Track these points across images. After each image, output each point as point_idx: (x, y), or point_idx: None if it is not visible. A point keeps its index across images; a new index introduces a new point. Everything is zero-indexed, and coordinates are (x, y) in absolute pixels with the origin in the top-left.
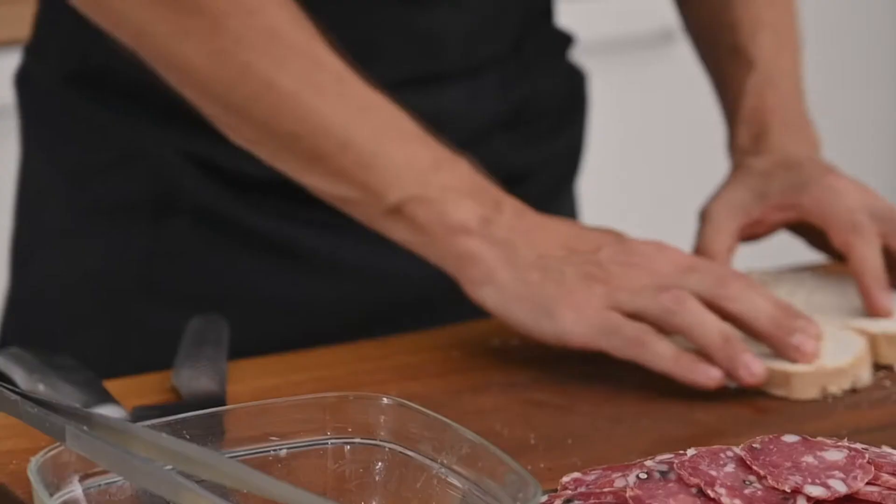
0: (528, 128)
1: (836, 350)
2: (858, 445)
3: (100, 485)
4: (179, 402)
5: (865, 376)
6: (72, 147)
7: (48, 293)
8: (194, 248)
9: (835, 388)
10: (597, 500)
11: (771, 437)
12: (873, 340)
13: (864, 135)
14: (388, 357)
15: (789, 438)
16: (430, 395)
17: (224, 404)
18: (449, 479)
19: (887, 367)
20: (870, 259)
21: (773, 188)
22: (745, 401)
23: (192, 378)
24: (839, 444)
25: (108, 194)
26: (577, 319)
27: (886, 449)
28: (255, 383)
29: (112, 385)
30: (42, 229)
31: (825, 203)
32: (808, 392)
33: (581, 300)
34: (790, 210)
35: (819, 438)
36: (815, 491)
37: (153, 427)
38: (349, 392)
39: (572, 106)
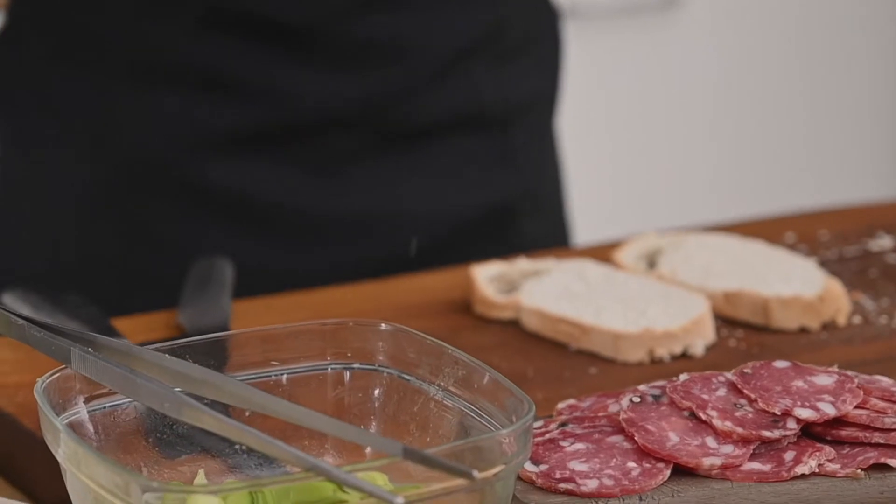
0: (505, 59)
1: (671, 314)
2: (849, 372)
3: (104, 406)
4: (184, 337)
5: (700, 343)
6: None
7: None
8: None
9: (663, 351)
10: (591, 424)
11: (762, 363)
12: (766, 304)
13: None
14: (390, 297)
15: (780, 364)
16: (430, 331)
17: None
18: (446, 402)
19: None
20: None
21: None
22: (739, 336)
23: (197, 315)
24: (829, 369)
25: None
26: None
27: (877, 376)
28: (260, 322)
29: (119, 323)
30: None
31: None
32: (634, 354)
33: None
34: None
35: (809, 365)
36: (805, 413)
37: (157, 350)
38: (348, 319)
39: (548, 43)
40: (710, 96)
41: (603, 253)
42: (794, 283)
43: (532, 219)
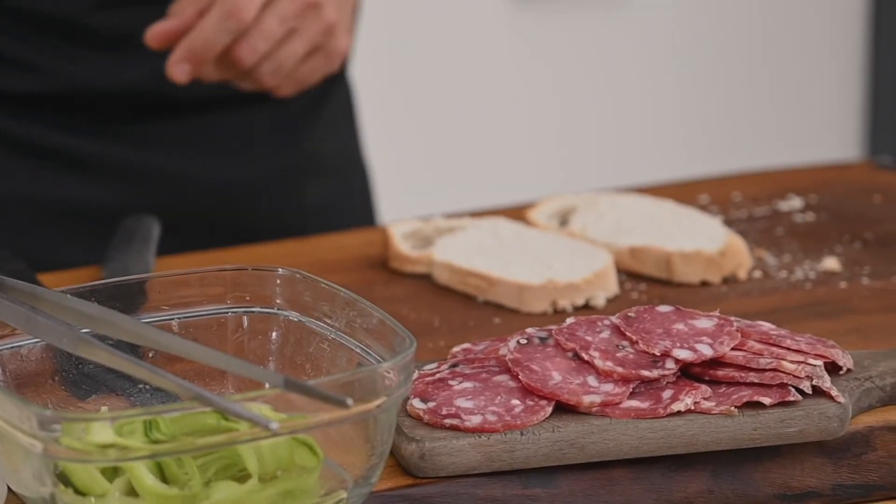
0: None
1: (575, 267)
2: (731, 317)
3: (10, 346)
4: None
5: (601, 295)
6: None
7: None
8: None
9: (566, 302)
10: (480, 365)
11: (646, 307)
12: (668, 259)
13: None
14: (309, 253)
15: (663, 308)
16: (345, 285)
17: None
18: (339, 342)
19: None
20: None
21: None
22: (641, 289)
23: (119, 270)
24: (710, 314)
25: None
26: None
27: (760, 322)
28: None
29: (45, 277)
30: None
31: None
32: (538, 305)
33: None
34: None
35: (691, 309)
36: (683, 354)
37: (62, 291)
38: (247, 265)
39: None
40: (660, 69)
41: (519, 213)
42: (697, 239)
43: (318, 181)
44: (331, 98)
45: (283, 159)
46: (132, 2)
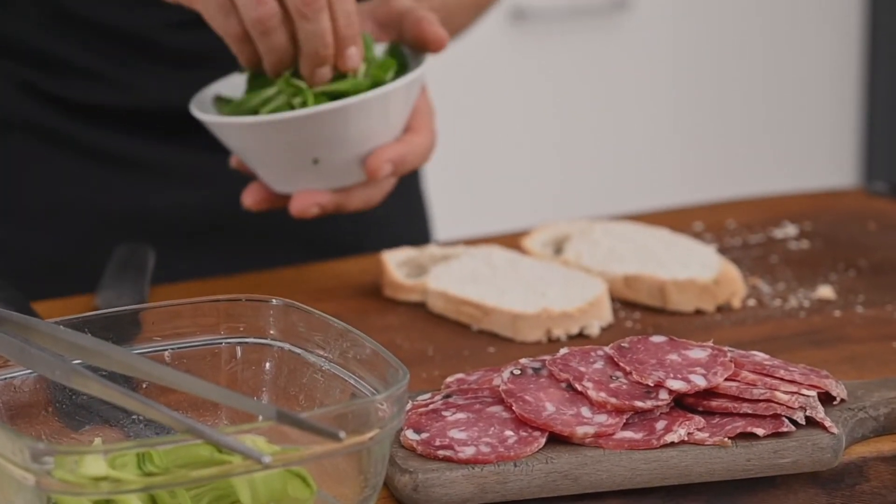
0: None
1: (569, 295)
2: (724, 347)
3: (4, 377)
4: None
5: (596, 324)
6: None
7: None
8: (31, 165)
9: (560, 331)
10: (473, 396)
11: (639, 337)
12: (662, 287)
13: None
14: (305, 282)
15: (657, 339)
16: (340, 313)
17: None
18: (333, 373)
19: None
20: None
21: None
22: (636, 318)
23: (113, 299)
24: (704, 344)
25: None
26: None
27: (753, 352)
28: None
29: (39, 306)
30: None
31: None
32: (532, 334)
33: None
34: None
35: (685, 340)
36: (676, 385)
37: (55, 323)
38: (241, 295)
39: None
40: (656, 95)
41: (513, 240)
42: (691, 267)
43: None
44: None
45: None
46: (203, 23)
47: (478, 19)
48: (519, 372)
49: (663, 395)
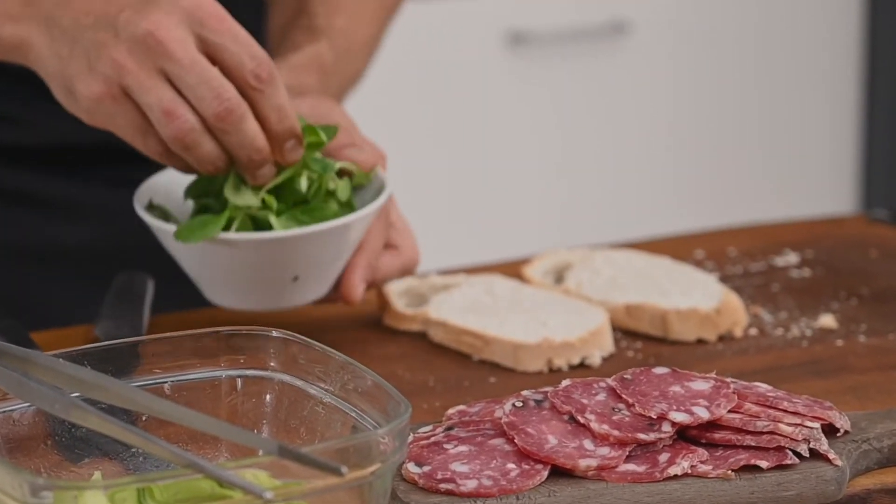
0: None
1: (570, 325)
2: (727, 378)
3: (3, 411)
4: None
5: (597, 353)
6: None
7: None
8: None
9: (561, 361)
10: (475, 428)
11: (642, 368)
12: (664, 316)
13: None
14: (306, 311)
15: (659, 370)
16: (340, 343)
17: None
18: (334, 406)
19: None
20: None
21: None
22: (637, 347)
23: (112, 329)
24: (706, 375)
25: None
26: (88, 101)
27: (756, 383)
28: None
29: (38, 336)
30: None
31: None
32: (533, 364)
33: (90, 80)
34: None
35: (688, 371)
36: (679, 417)
37: (55, 356)
38: (241, 327)
39: None
40: (655, 121)
41: (514, 268)
42: (693, 296)
43: None
44: None
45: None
46: None
47: (371, 60)
48: (521, 404)
49: (666, 427)
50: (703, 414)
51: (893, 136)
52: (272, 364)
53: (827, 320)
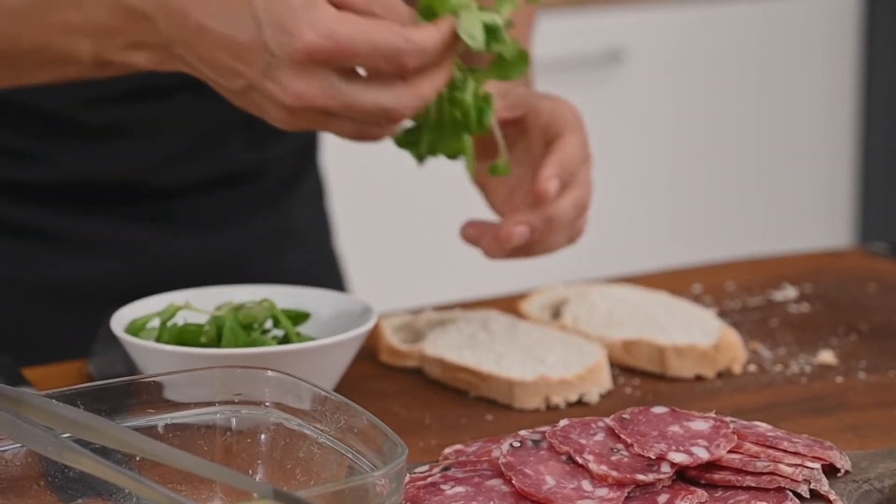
0: (261, 130)
1: (567, 362)
2: (726, 418)
3: None
4: None
5: (595, 391)
6: None
7: None
8: None
9: (559, 398)
10: (472, 469)
11: (641, 408)
12: (662, 353)
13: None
14: None
15: (658, 410)
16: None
17: None
18: (329, 447)
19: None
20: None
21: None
22: (635, 384)
23: (106, 364)
24: (706, 415)
25: None
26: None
27: (756, 422)
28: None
29: (31, 372)
30: None
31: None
32: (530, 401)
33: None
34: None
35: (687, 411)
36: (679, 457)
37: (48, 396)
38: (236, 365)
39: None
40: (651, 152)
41: (511, 303)
42: (691, 332)
43: (295, 252)
44: (303, 179)
45: (262, 233)
46: (118, 98)
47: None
48: (518, 444)
49: (665, 468)
50: (703, 454)
51: (890, 169)
52: (267, 403)
53: (826, 356)
